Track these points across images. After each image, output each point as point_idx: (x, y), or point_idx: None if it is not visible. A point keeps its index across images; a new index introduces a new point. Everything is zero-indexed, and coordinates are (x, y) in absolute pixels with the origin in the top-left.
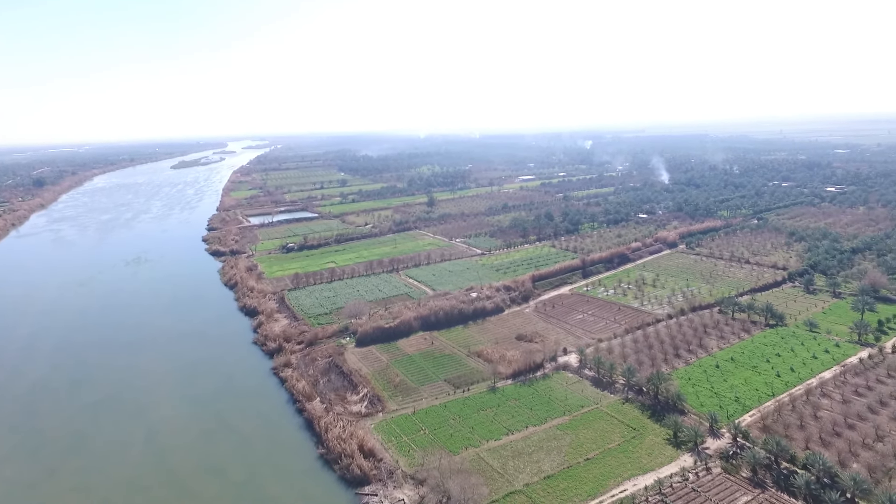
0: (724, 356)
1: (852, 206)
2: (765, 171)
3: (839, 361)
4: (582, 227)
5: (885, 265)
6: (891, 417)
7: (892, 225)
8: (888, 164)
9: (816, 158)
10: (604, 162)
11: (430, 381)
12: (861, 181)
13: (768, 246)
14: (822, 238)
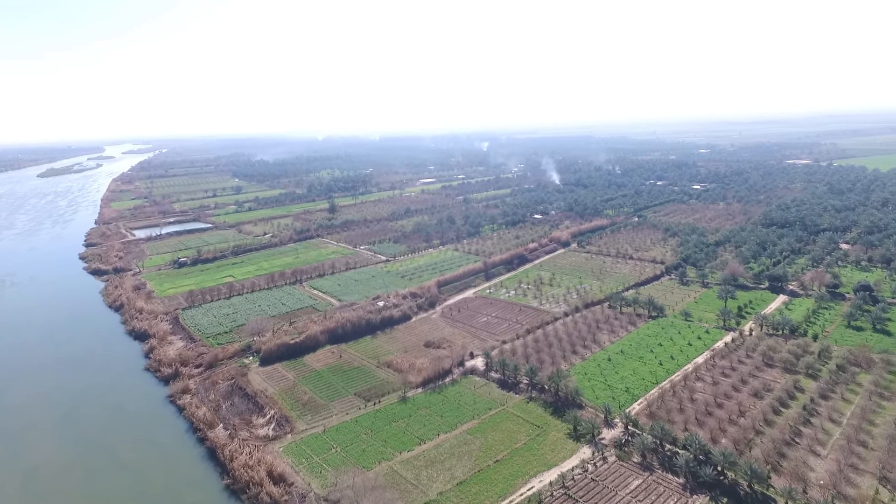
0: (614, 349)
1: (714, 202)
2: (642, 170)
3: (709, 346)
4: (483, 230)
5: (741, 256)
6: (750, 394)
7: (745, 219)
8: (740, 164)
9: (684, 158)
10: (500, 163)
11: (339, 397)
12: (720, 179)
13: (648, 242)
14: (691, 233)
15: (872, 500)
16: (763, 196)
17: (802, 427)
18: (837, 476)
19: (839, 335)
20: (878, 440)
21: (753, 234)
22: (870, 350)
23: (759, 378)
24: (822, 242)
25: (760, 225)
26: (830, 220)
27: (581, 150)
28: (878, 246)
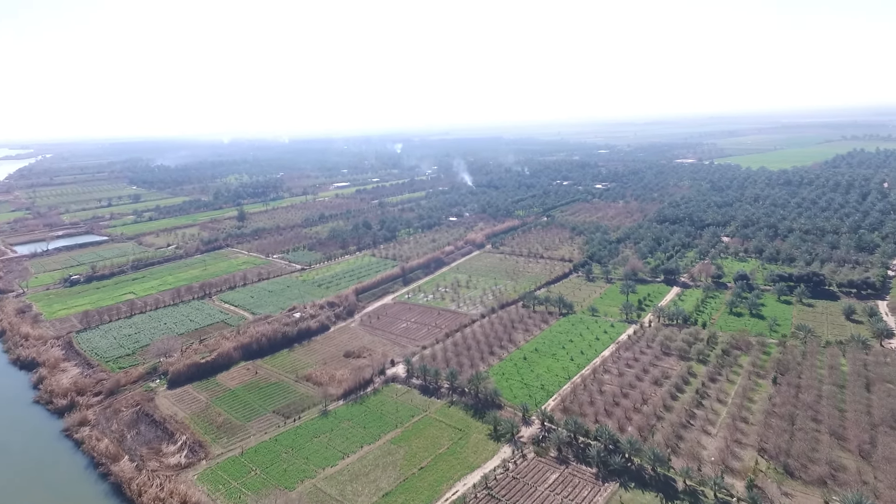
0: (529, 348)
1: (615, 200)
2: (549, 171)
3: (614, 340)
4: (399, 234)
5: (639, 252)
6: (651, 382)
7: (642, 216)
8: (636, 163)
9: (586, 158)
10: (413, 166)
11: (257, 416)
12: (619, 178)
13: (557, 241)
14: (595, 231)
15: (753, 470)
16: (657, 194)
17: (696, 409)
18: (725, 452)
19: (723, 322)
20: (756, 415)
21: (649, 230)
22: (748, 334)
23: (658, 367)
24: (707, 236)
25: (655, 222)
26: (713, 216)
27: (492, 152)
28: (752, 238)
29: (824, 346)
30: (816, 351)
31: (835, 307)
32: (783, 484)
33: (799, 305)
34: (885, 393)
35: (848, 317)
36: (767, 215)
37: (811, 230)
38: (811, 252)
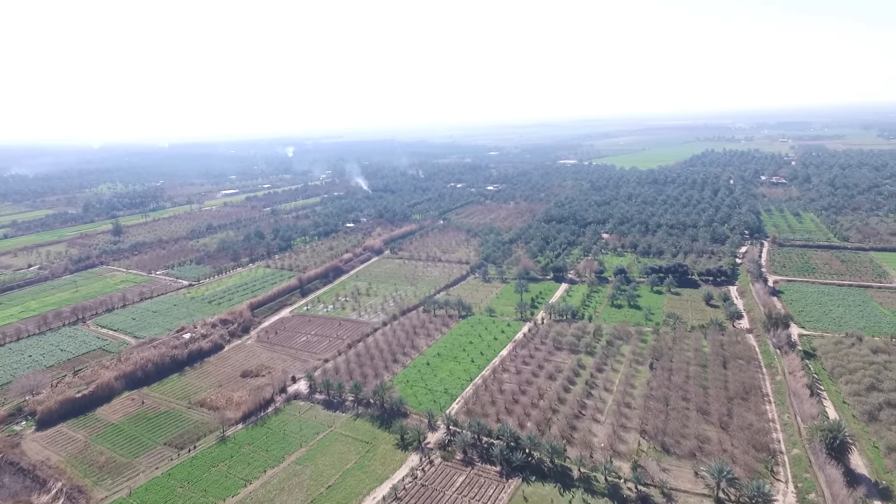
0: (432, 353)
1: (506, 201)
2: (444, 174)
3: (511, 338)
4: (295, 243)
5: (530, 251)
6: (546, 378)
7: (531, 216)
8: (524, 165)
9: (478, 160)
10: (306, 171)
11: (146, 450)
12: (509, 180)
13: (454, 243)
14: (489, 233)
15: (637, 451)
16: (543, 194)
17: (586, 400)
18: (612, 437)
19: (607, 314)
20: (637, 400)
21: (539, 230)
22: (628, 324)
23: (551, 362)
24: (589, 234)
25: (543, 221)
26: (594, 214)
27: (386, 155)
28: (628, 234)
29: (690, 331)
30: (684, 336)
31: (697, 294)
32: (661, 461)
33: (668, 295)
34: (738, 369)
35: (707, 302)
36: (639, 212)
37: (675, 225)
38: (676, 245)
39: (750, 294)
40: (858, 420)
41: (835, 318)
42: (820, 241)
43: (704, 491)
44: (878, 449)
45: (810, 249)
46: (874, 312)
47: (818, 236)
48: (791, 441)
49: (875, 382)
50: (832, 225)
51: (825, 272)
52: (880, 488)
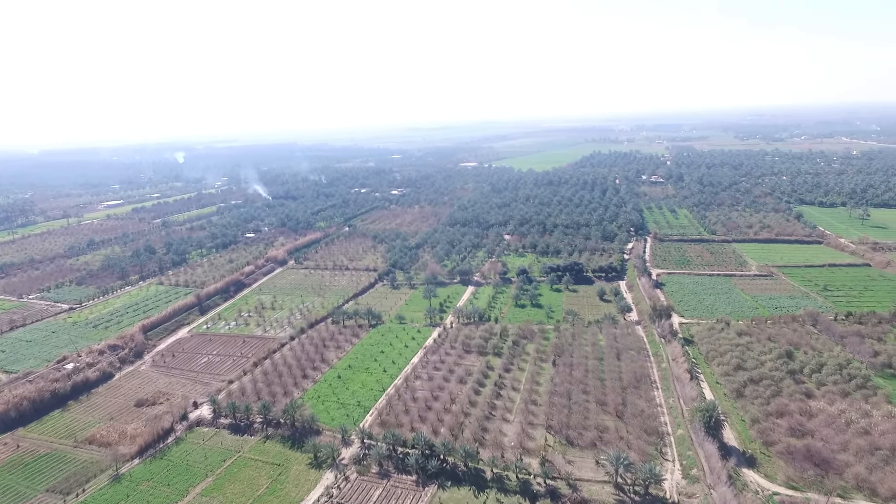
0: (343, 365)
1: (411, 206)
2: (347, 179)
3: (422, 345)
4: (190, 257)
5: (436, 255)
6: (457, 381)
7: (436, 220)
8: (427, 168)
9: (381, 164)
10: (200, 178)
11: (24, 500)
12: (413, 184)
13: (360, 250)
14: (395, 239)
15: (544, 447)
16: (447, 197)
17: (496, 401)
18: (521, 435)
19: (511, 314)
20: (543, 397)
21: (444, 234)
22: (531, 323)
23: (462, 365)
24: (492, 236)
25: (448, 225)
26: (496, 216)
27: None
28: (528, 235)
29: (587, 326)
30: (582, 331)
31: (592, 290)
32: (566, 454)
33: (567, 292)
34: (630, 359)
35: (601, 298)
36: (538, 213)
37: (570, 224)
38: (572, 244)
39: (637, 288)
40: (728, 398)
41: (707, 306)
42: (693, 235)
43: (605, 478)
44: (744, 422)
45: (685, 243)
46: (738, 298)
47: (691, 231)
48: (676, 423)
49: (741, 363)
50: (702, 220)
51: (698, 264)
52: (747, 456)
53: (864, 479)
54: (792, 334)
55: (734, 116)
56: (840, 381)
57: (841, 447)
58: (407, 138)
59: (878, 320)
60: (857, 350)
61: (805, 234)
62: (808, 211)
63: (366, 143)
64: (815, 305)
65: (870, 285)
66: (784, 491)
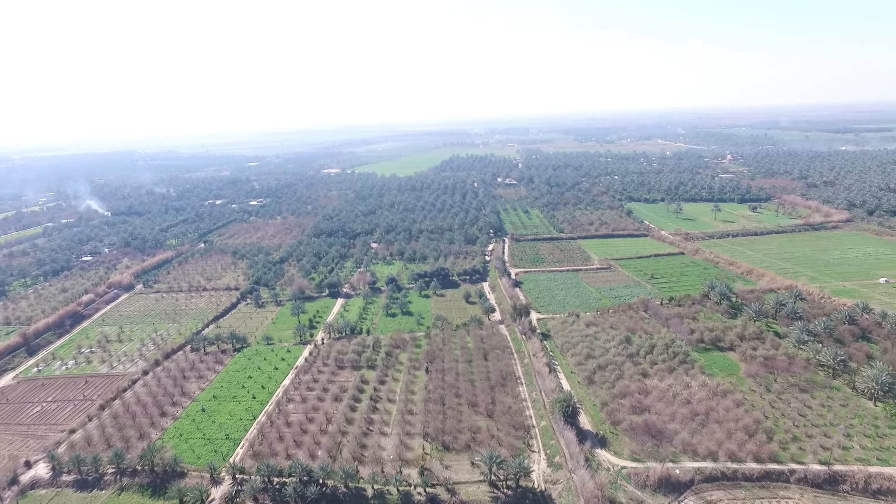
0: (206, 396)
1: (272, 217)
2: (199, 190)
3: (293, 365)
4: (11, 288)
5: (303, 269)
6: (333, 400)
7: (301, 232)
8: (287, 176)
9: (237, 173)
10: (17, 194)
11: None
12: (274, 193)
13: (219, 268)
14: (257, 253)
15: (422, 456)
16: (311, 207)
17: (373, 415)
18: (400, 447)
19: (383, 325)
20: (418, 405)
21: (309, 246)
22: (403, 332)
23: (336, 382)
24: (359, 245)
25: (313, 236)
26: (362, 225)
27: (125, 171)
28: (394, 242)
29: (455, 330)
30: (451, 335)
31: (458, 294)
32: (444, 459)
33: (435, 297)
34: (496, 359)
35: (467, 300)
36: (403, 220)
37: (435, 230)
38: (437, 249)
39: (499, 288)
40: (582, 385)
41: (560, 301)
42: (545, 234)
43: (480, 478)
44: (596, 406)
45: (539, 242)
46: (585, 291)
47: (543, 230)
48: (539, 415)
49: (590, 352)
50: (551, 219)
51: (550, 261)
52: (599, 438)
53: (689, 442)
54: (629, 321)
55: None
56: (667, 359)
57: (670, 418)
58: (263, 144)
59: (692, 302)
60: (678, 330)
61: (634, 229)
62: (636, 207)
63: (219, 150)
64: (646, 293)
65: (685, 271)
66: (630, 464)
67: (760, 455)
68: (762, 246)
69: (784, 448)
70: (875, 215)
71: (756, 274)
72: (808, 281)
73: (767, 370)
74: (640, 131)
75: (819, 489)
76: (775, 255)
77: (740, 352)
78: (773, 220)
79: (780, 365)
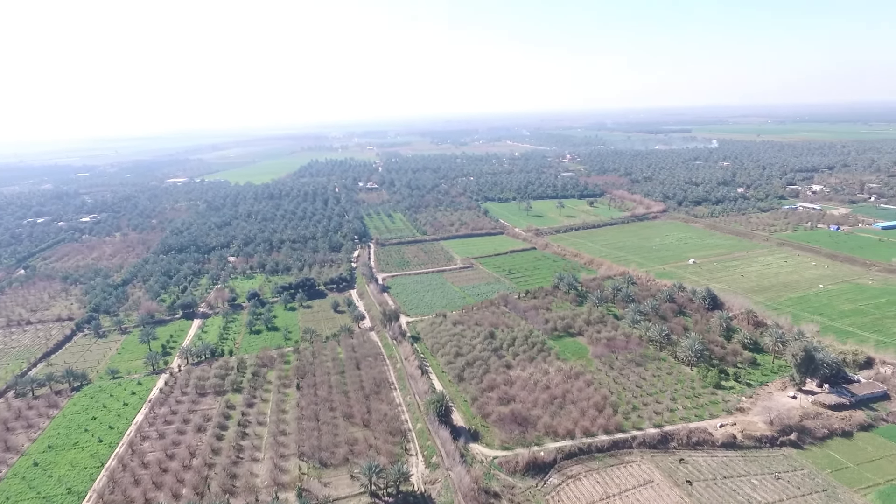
0: (39, 448)
1: (110, 234)
2: (14, 207)
3: (146, 399)
4: None
5: (151, 290)
6: (195, 431)
7: (146, 249)
8: (126, 187)
9: (63, 186)
10: None
11: None
12: (110, 207)
13: (46, 297)
14: (94, 277)
15: (299, 477)
16: (156, 221)
17: (242, 441)
18: (274, 471)
19: (247, 343)
20: (291, 424)
21: (157, 264)
22: (269, 349)
23: (197, 412)
24: (215, 260)
25: (161, 253)
26: (216, 238)
27: None
28: (254, 254)
29: (325, 342)
30: (321, 347)
31: (326, 304)
32: (322, 477)
33: (302, 310)
34: (369, 367)
35: (335, 310)
36: (262, 230)
37: (297, 239)
38: (301, 259)
39: (367, 295)
40: (453, 383)
41: (427, 302)
42: (409, 237)
43: (361, 490)
44: (467, 402)
45: (403, 245)
46: (450, 291)
47: (407, 233)
48: (415, 418)
49: (458, 350)
50: (414, 222)
51: (416, 263)
52: (472, 432)
53: (550, 425)
54: (492, 316)
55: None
56: (527, 349)
57: (533, 404)
58: (93, 153)
59: (545, 293)
60: (535, 321)
61: (491, 227)
62: (492, 206)
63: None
64: (505, 288)
65: (537, 265)
66: (501, 453)
67: (609, 427)
68: (600, 237)
69: (626, 418)
70: (683, 205)
71: (596, 263)
72: (637, 266)
73: (610, 350)
74: (490, 133)
75: (655, 449)
76: (610, 245)
77: (588, 336)
78: (607, 214)
79: (619, 344)
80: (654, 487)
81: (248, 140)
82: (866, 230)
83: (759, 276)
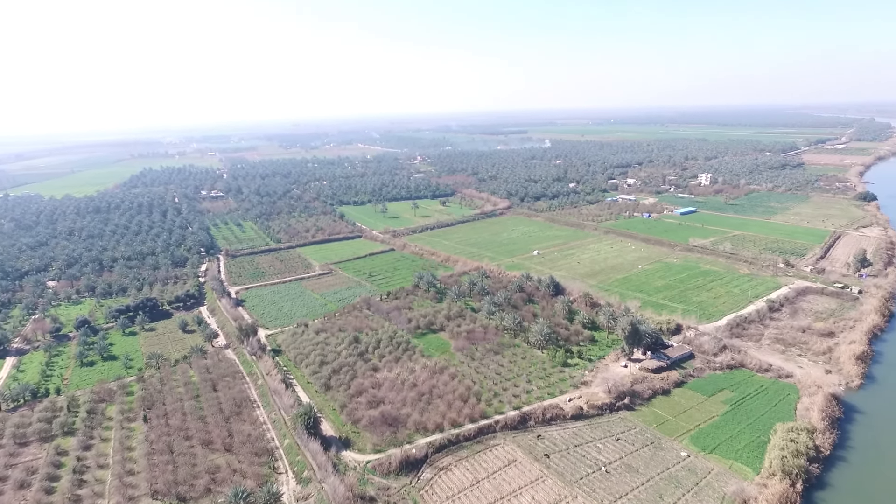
0: None
1: None
2: None
3: None
4: None
5: None
6: (17, 487)
7: None
8: None
9: None
10: None
11: None
12: None
13: None
14: None
15: None
16: None
17: (80, 490)
18: None
19: (78, 378)
20: (140, 462)
21: None
22: (107, 382)
23: (18, 465)
24: (30, 287)
25: None
26: (30, 261)
27: None
28: (81, 277)
29: (175, 366)
30: (171, 373)
31: (172, 324)
32: None
33: (143, 333)
34: (227, 387)
35: (184, 330)
36: (89, 249)
37: (133, 256)
38: (139, 278)
39: (219, 310)
40: (320, 393)
41: (287, 313)
42: (262, 246)
43: None
44: (335, 410)
45: (257, 255)
46: (310, 299)
47: (259, 242)
48: (282, 434)
49: (323, 358)
50: (267, 230)
51: (271, 273)
52: (343, 440)
53: (419, 421)
54: (355, 321)
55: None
56: (392, 350)
57: (402, 403)
58: None
59: (407, 293)
60: (399, 321)
61: (349, 231)
62: (347, 210)
63: None
64: (366, 291)
65: (397, 266)
66: (374, 457)
67: (474, 416)
68: (454, 235)
69: (489, 405)
70: (525, 201)
71: (452, 260)
72: (490, 261)
73: (470, 342)
74: (341, 136)
75: (516, 430)
76: (464, 242)
77: (449, 330)
78: (459, 212)
79: (478, 336)
80: (517, 466)
81: (61, 148)
82: (669, 216)
83: (591, 262)
